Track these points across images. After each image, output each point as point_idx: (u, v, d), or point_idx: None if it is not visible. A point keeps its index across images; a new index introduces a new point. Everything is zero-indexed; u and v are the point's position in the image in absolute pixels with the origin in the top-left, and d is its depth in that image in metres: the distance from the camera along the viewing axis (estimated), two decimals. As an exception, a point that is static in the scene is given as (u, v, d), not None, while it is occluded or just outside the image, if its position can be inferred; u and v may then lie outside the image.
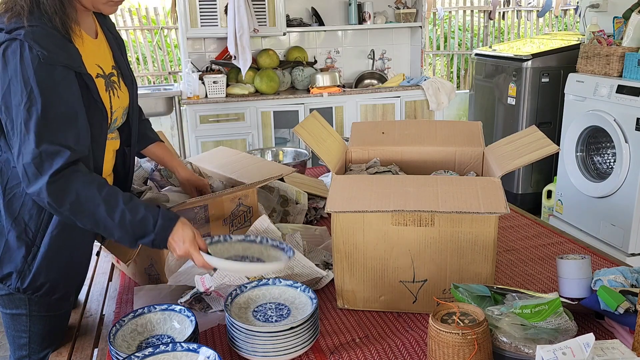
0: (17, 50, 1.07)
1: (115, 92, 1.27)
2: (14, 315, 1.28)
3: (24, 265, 1.21)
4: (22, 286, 1.23)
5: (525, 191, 4.11)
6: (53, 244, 1.21)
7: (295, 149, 2.50)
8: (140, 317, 1.20)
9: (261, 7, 4.07)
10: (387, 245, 1.25)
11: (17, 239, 1.20)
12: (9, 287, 1.23)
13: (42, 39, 1.08)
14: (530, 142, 1.37)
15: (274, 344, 1.10)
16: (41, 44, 1.07)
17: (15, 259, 1.21)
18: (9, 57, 1.07)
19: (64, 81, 1.11)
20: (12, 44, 1.07)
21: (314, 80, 4.18)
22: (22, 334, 1.30)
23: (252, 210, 1.60)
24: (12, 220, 1.20)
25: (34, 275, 1.22)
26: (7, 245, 1.21)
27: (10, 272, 1.22)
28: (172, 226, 1.16)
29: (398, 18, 4.61)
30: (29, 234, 1.20)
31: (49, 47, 1.08)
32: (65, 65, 1.11)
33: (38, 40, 1.08)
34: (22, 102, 1.06)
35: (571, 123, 3.51)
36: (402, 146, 1.60)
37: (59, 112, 1.09)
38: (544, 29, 7.47)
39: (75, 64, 1.14)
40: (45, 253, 1.21)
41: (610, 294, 1.09)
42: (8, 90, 1.07)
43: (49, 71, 1.08)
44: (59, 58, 1.10)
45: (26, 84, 1.06)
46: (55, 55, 1.09)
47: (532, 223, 1.86)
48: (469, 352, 0.96)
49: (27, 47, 1.07)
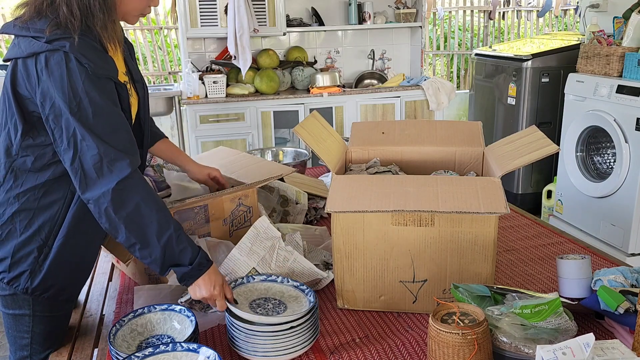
0: (62, 61, 1.09)
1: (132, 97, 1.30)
2: (17, 315, 1.28)
3: (35, 266, 1.22)
4: (31, 286, 1.23)
5: (525, 191, 4.11)
6: (65, 246, 1.23)
7: (295, 149, 2.50)
8: (140, 317, 1.20)
9: (261, 7, 4.07)
10: (387, 245, 1.25)
11: (30, 241, 1.21)
12: (15, 289, 1.23)
13: (87, 51, 1.12)
14: (530, 142, 1.37)
15: (274, 343, 1.10)
16: (87, 56, 1.11)
17: (27, 260, 1.22)
18: (53, 68, 1.10)
19: (109, 92, 1.15)
20: (55, 54, 1.10)
21: (314, 80, 4.18)
22: (24, 334, 1.30)
23: (252, 210, 1.60)
24: (27, 222, 1.21)
25: (45, 275, 1.23)
26: (20, 246, 1.21)
27: (21, 272, 1.22)
28: (206, 268, 1.18)
29: (398, 18, 4.61)
30: (42, 235, 1.21)
31: (94, 59, 1.12)
32: (109, 77, 1.16)
33: (84, 52, 1.11)
34: (73, 112, 1.09)
35: (571, 123, 3.50)
36: (402, 146, 1.60)
37: (111, 121, 1.13)
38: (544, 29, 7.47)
39: (114, 74, 1.18)
40: (56, 254, 1.22)
41: (610, 294, 1.09)
42: (55, 102, 1.10)
43: (95, 82, 1.12)
44: (104, 70, 1.14)
45: (75, 95, 1.09)
46: (100, 67, 1.13)
47: (532, 223, 1.86)
48: (469, 352, 0.96)
49: (73, 59, 1.10)
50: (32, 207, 1.20)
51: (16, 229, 1.21)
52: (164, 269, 1.17)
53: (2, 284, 1.23)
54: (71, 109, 1.09)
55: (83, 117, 1.10)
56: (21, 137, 1.17)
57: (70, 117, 1.09)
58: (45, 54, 1.10)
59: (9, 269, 1.22)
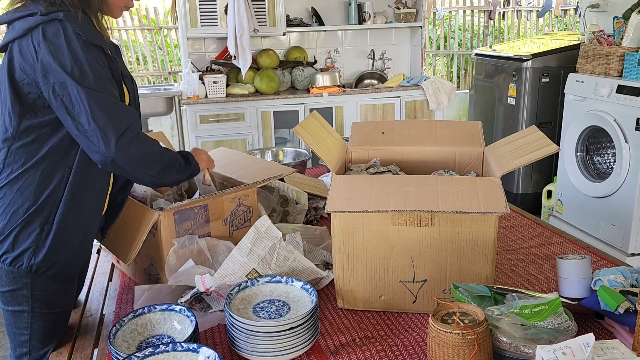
0: (59, 30, 1.15)
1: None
2: (16, 312, 1.29)
3: (38, 242, 1.24)
4: (35, 262, 1.24)
5: (525, 191, 4.11)
6: (65, 221, 1.25)
7: (295, 149, 2.50)
8: (140, 317, 1.20)
9: (261, 7, 4.07)
10: (387, 245, 1.25)
11: (32, 218, 1.23)
12: (19, 268, 1.24)
13: (79, 21, 1.18)
14: (530, 142, 1.37)
15: (274, 343, 1.10)
16: (80, 24, 1.17)
17: (30, 237, 1.24)
18: (51, 38, 1.15)
19: (102, 59, 1.21)
20: (52, 25, 1.15)
21: (314, 80, 4.18)
22: (23, 331, 1.31)
23: (252, 210, 1.60)
24: (29, 202, 1.23)
25: (47, 252, 1.24)
26: (22, 224, 1.23)
27: (25, 249, 1.24)
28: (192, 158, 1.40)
29: (398, 18, 4.61)
30: (44, 212, 1.23)
31: (87, 28, 1.19)
32: (100, 45, 1.21)
33: (76, 21, 1.17)
34: (76, 77, 1.15)
35: (571, 123, 3.51)
36: (402, 146, 1.60)
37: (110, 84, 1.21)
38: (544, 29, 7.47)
39: (106, 46, 1.24)
40: (57, 230, 1.24)
41: (610, 294, 1.09)
42: (58, 69, 1.14)
43: (91, 49, 1.18)
44: (95, 39, 1.20)
45: (76, 61, 1.15)
46: (92, 35, 1.19)
47: (532, 223, 1.86)
48: (469, 352, 0.96)
49: (69, 27, 1.15)
50: (33, 186, 1.23)
51: (19, 209, 1.23)
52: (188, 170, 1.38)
53: (4, 266, 1.24)
54: (73, 75, 1.14)
55: (87, 81, 1.15)
56: (18, 119, 1.20)
57: (76, 82, 1.14)
58: (41, 27, 1.15)
59: (12, 248, 1.24)
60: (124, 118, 1.20)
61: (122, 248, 1.41)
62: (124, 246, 1.41)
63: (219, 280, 1.26)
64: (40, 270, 1.25)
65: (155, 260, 1.44)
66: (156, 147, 1.28)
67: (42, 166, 1.23)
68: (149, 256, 1.46)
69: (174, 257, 1.39)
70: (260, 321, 1.15)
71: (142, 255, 1.46)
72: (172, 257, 1.39)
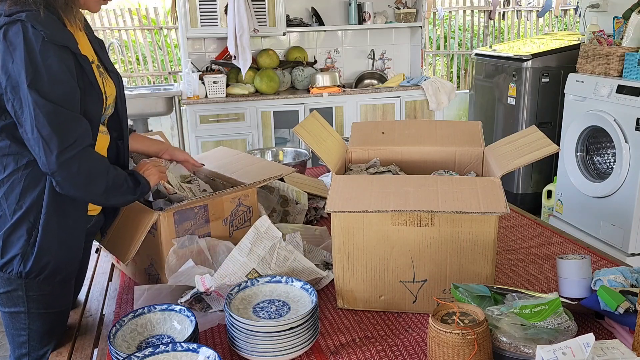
0: (19, 31, 1.11)
1: (105, 81, 1.31)
2: (13, 313, 1.29)
3: (26, 248, 1.23)
4: (24, 269, 1.23)
5: (525, 191, 4.11)
6: (49, 224, 1.23)
7: (295, 149, 2.50)
8: (140, 317, 1.20)
9: (261, 7, 4.07)
10: (387, 245, 1.25)
11: (19, 224, 1.22)
12: (10, 274, 1.24)
13: (43, 20, 1.13)
14: (530, 142, 1.37)
15: (274, 343, 1.10)
16: (43, 24, 1.12)
17: (18, 243, 1.23)
18: (11, 39, 1.11)
19: (66, 60, 1.16)
20: (14, 26, 1.12)
21: (314, 80, 4.18)
22: (21, 332, 1.31)
23: (252, 210, 1.60)
24: (14, 206, 1.22)
25: (36, 256, 1.23)
26: (10, 230, 1.22)
27: (14, 256, 1.23)
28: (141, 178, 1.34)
29: (398, 18, 4.61)
30: (30, 217, 1.22)
31: (50, 28, 1.14)
32: (65, 46, 1.16)
33: (40, 21, 1.12)
34: (29, 80, 1.10)
35: (571, 123, 3.50)
36: (402, 146, 1.60)
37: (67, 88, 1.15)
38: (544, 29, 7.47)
39: (73, 45, 1.19)
40: (43, 234, 1.23)
41: (610, 294, 1.09)
42: (13, 71, 1.11)
43: (52, 50, 1.13)
44: (59, 38, 1.15)
45: (32, 62, 1.11)
46: (55, 35, 1.14)
47: (532, 223, 1.86)
48: (469, 352, 0.96)
49: (30, 27, 1.11)
50: (17, 190, 1.21)
51: (6, 214, 1.22)
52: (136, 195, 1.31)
53: None
54: (27, 77, 1.10)
55: (39, 85, 1.11)
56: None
57: (27, 85, 1.10)
58: (3, 28, 1.12)
59: (2, 254, 1.23)
60: (71, 131, 1.14)
61: (120, 248, 1.41)
62: (122, 246, 1.41)
63: (218, 280, 1.26)
64: (31, 275, 1.24)
65: (155, 260, 1.44)
66: (101, 166, 1.22)
67: (27, 171, 1.21)
68: (149, 256, 1.46)
69: (174, 257, 1.39)
70: (260, 321, 1.15)
71: (142, 255, 1.45)
72: (172, 257, 1.39)
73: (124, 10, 6.31)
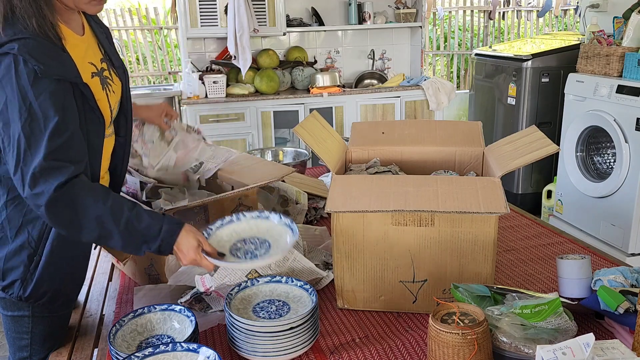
0: (11, 64, 1.05)
1: (110, 88, 1.26)
2: (16, 317, 1.27)
3: (26, 274, 1.21)
4: (24, 295, 1.22)
5: (525, 191, 4.11)
6: (54, 252, 1.21)
7: (295, 149, 2.50)
8: (140, 317, 1.20)
9: (261, 7, 4.07)
10: (387, 245, 1.25)
11: (20, 248, 1.20)
12: (10, 295, 1.23)
13: (36, 51, 1.06)
14: (530, 142, 1.37)
15: (274, 343, 1.10)
16: (36, 57, 1.05)
17: (19, 268, 1.21)
18: (3, 73, 1.05)
19: (61, 94, 1.09)
20: (5, 58, 1.05)
21: (314, 80, 4.18)
22: (24, 335, 1.29)
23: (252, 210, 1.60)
24: (16, 230, 1.19)
25: (36, 283, 1.22)
26: (11, 254, 1.20)
27: (13, 280, 1.21)
28: (178, 231, 1.15)
29: (398, 18, 4.61)
30: (32, 243, 1.20)
31: (44, 60, 1.06)
32: (61, 78, 1.09)
33: (32, 53, 1.05)
34: (21, 118, 1.05)
35: (571, 123, 3.51)
36: (402, 146, 1.60)
37: (59, 127, 1.07)
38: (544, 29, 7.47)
39: (71, 74, 1.12)
40: (46, 261, 1.21)
41: (610, 294, 1.09)
42: (5, 107, 1.06)
43: (45, 85, 1.06)
44: (55, 71, 1.08)
45: (24, 99, 1.05)
46: (50, 68, 1.07)
47: (532, 223, 1.86)
48: (469, 352, 0.96)
49: (21, 61, 1.05)
50: (20, 214, 1.19)
51: (7, 237, 1.20)
52: (137, 250, 1.14)
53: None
54: (20, 115, 1.05)
55: (32, 124, 1.05)
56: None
57: (19, 124, 1.05)
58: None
59: (2, 277, 1.22)
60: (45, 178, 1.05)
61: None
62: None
63: (218, 281, 1.26)
64: (30, 300, 1.23)
65: (155, 260, 1.44)
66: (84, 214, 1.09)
67: None
68: (149, 256, 1.46)
69: (174, 257, 1.39)
70: (260, 321, 1.15)
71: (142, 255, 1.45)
72: (172, 258, 1.39)
73: (124, 10, 6.31)
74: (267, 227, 1.25)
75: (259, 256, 1.16)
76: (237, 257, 1.16)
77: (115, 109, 1.30)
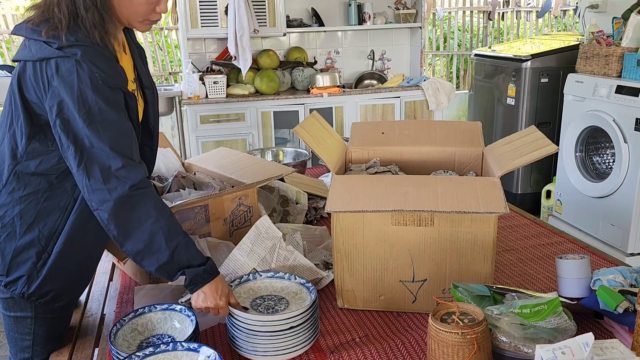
0: (72, 69, 1.09)
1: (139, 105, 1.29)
2: (18, 317, 1.27)
3: (32, 271, 1.21)
4: (27, 291, 1.22)
5: (525, 191, 4.11)
6: (65, 253, 1.21)
7: (295, 149, 2.50)
8: (141, 317, 1.21)
9: (261, 7, 4.08)
10: (387, 245, 1.25)
11: (29, 245, 1.20)
12: (12, 292, 1.23)
13: (98, 59, 1.11)
14: (530, 142, 1.38)
15: (273, 342, 1.10)
16: (98, 65, 1.10)
17: (25, 265, 1.21)
18: (64, 75, 1.09)
19: (118, 102, 1.15)
20: (67, 62, 1.09)
21: (314, 80, 4.19)
22: (26, 336, 1.29)
23: (252, 210, 1.61)
24: (27, 226, 1.20)
25: (42, 281, 1.22)
26: (19, 250, 1.20)
27: (19, 277, 1.21)
28: (214, 276, 1.17)
29: (398, 19, 4.61)
30: (42, 240, 1.20)
31: (105, 69, 1.12)
32: (118, 87, 1.15)
33: (94, 61, 1.10)
34: (82, 119, 1.09)
35: (570, 123, 3.51)
36: (402, 146, 1.60)
37: (120, 130, 1.13)
38: (544, 29, 7.47)
39: (124, 84, 1.18)
40: (55, 261, 1.21)
41: (609, 294, 1.09)
42: (65, 107, 1.10)
43: (105, 91, 1.11)
44: (113, 80, 1.13)
45: (85, 103, 1.09)
46: (110, 77, 1.13)
47: (531, 223, 1.86)
48: (469, 351, 0.96)
49: (85, 68, 1.09)
50: (33, 211, 1.19)
51: (16, 232, 1.20)
52: (172, 273, 1.15)
53: (0, 286, 1.23)
54: (80, 116, 1.09)
55: (92, 125, 1.09)
56: (27, 140, 1.16)
57: (79, 123, 1.09)
58: (56, 60, 1.09)
59: (7, 273, 1.22)
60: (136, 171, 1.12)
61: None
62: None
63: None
64: (32, 298, 1.23)
65: (156, 260, 1.44)
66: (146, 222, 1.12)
67: (47, 194, 1.19)
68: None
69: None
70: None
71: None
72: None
73: (124, 10, 6.29)
74: (282, 286, 1.27)
75: (279, 311, 1.19)
76: (260, 312, 1.18)
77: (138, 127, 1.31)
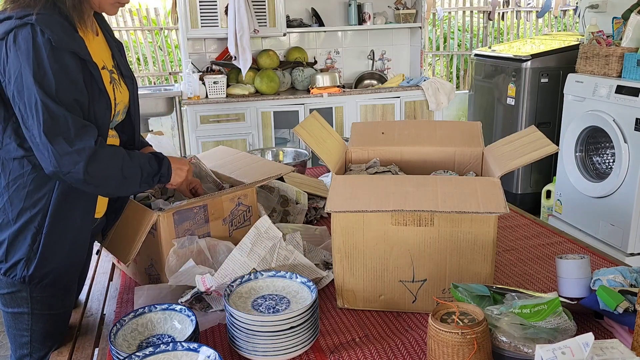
0: (28, 35, 1.10)
1: (117, 89, 1.31)
2: (16, 314, 1.29)
3: (30, 253, 1.23)
4: (28, 273, 1.24)
5: (525, 191, 4.11)
6: (53, 229, 1.23)
7: (295, 149, 2.50)
8: (141, 317, 1.21)
9: (261, 7, 4.08)
10: (387, 245, 1.25)
11: (24, 228, 1.22)
12: (13, 279, 1.24)
13: (53, 25, 1.12)
14: (530, 142, 1.38)
15: (274, 342, 1.10)
16: (52, 29, 1.11)
17: (22, 248, 1.23)
18: (20, 43, 1.10)
19: (73, 66, 1.15)
20: (24, 29, 1.11)
21: (314, 80, 4.19)
22: (24, 332, 1.31)
23: (252, 210, 1.61)
24: (19, 210, 1.21)
25: (39, 262, 1.23)
26: (15, 235, 1.22)
27: (17, 260, 1.23)
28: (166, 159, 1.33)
29: (398, 19, 4.61)
30: (35, 223, 1.22)
31: (59, 33, 1.13)
32: (73, 52, 1.15)
33: (49, 25, 1.11)
34: (38, 84, 1.10)
35: (570, 123, 3.51)
36: (402, 146, 1.60)
37: (75, 94, 1.14)
38: (544, 29, 7.47)
39: (83, 51, 1.18)
40: (47, 238, 1.23)
41: (609, 294, 1.09)
42: (20, 75, 1.10)
43: (59, 55, 1.12)
44: (69, 44, 1.14)
45: (40, 67, 1.10)
46: (65, 41, 1.13)
47: (531, 223, 1.86)
48: (469, 351, 0.96)
49: (39, 31, 1.10)
50: (22, 195, 1.21)
51: (9, 218, 1.22)
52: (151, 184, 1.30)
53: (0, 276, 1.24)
54: (36, 81, 1.09)
55: (47, 89, 1.10)
56: (4, 123, 1.18)
57: (35, 89, 1.09)
58: (14, 31, 1.11)
59: (6, 259, 1.23)
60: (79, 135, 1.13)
61: (121, 249, 1.41)
62: (123, 247, 1.41)
63: (219, 280, 1.27)
64: (34, 280, 1.25)
65: (155, 260, 1.44)
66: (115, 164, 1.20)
67: (32, 175, 1.20)
68: (149, 256, 1.46)
69: (174, 258, 1.39)
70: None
71: (142, 255, 1.46)
72: (172, 258, 1.39)
73: (125, 10, 6.30)
74: (283, 285, 1.27)
75: (281, 311, 1.19)
76: (260, 312, 1.18)
77: (121, 111, 1.34)
